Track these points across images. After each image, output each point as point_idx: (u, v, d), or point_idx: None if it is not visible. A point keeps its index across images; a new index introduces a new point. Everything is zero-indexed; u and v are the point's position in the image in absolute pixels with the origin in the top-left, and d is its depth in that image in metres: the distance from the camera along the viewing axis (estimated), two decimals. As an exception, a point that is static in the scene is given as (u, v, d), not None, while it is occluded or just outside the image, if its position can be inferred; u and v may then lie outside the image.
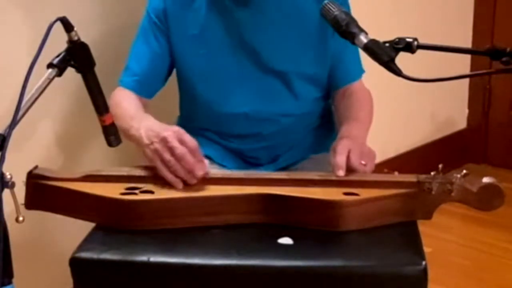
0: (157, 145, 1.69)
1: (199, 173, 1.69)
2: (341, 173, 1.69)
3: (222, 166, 2.00)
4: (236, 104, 1.95)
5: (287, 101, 1.98)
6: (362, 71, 2.06)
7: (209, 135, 2.03)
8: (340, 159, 1.71)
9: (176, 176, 1.68)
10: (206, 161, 1.73)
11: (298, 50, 1.95)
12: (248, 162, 2.03)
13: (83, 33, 1.54)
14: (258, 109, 1.96)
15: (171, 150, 1.68)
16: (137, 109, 1.89)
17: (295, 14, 1.94)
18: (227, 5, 1.92)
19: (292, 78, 1.96)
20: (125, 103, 1.91)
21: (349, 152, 1.72)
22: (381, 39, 1.51)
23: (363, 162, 1.73)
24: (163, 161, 1.69)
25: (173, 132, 1.70)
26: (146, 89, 1.99)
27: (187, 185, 1.69)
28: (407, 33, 1.51)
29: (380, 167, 1.80)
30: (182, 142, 1.68)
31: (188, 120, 2.07)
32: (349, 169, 1.71)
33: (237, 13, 1.92)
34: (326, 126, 2.09)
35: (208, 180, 1.71)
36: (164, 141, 1.69)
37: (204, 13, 1.93)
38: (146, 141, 1.72)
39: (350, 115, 1.96)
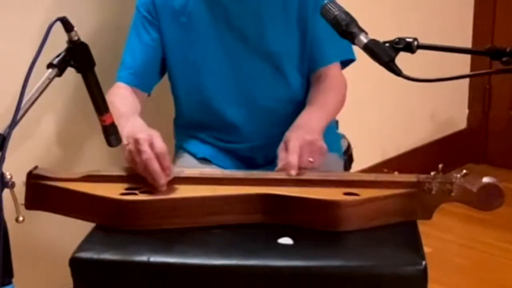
0: (131, 147, 1.69)
1: (161, 181, 1.66)
2: (293, 173, 1.70)
3: (220, 167, 1.99)
4: (228, 89, 1.97)
5: (278, 84, 1.99)
6: (340, 56, 2.02)
7: (205, 137, 2.04)
8: (293, 158, 1.71)
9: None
10: (173, 168, 1.70)
11: (284, 30, 1.96)
12: (245, 163, 2.02)
13: (83, 33, 1.54)
14: (249, 94, 1.97)
15: (139, 153, 1.67)
16: (128, 109, 1.89)
17: None
18: None
19: (281, 59, 1.97)
20: (117, 102, 1.90)
21: (300, 149, 1.72)
22: (381, 39, 1.51)
23: (311, 160, 1.73)
24: (135, 163, 1.68)
25: (146, 135, 1.68)
26: (142, 81, 2.01)
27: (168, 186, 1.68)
28: (407, 33, 1.51)
29: (380, 167, 1.80)
30: (152, 146, 1.67)
31: (183, 117, 2.08)
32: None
33: None
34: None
35: (207, 180, 1.71)
36: (136, 143, 1.68)
37: (192, 0, 1.95)
38: (124, 141, 1.71)
39: (314, 101, 1.96)
